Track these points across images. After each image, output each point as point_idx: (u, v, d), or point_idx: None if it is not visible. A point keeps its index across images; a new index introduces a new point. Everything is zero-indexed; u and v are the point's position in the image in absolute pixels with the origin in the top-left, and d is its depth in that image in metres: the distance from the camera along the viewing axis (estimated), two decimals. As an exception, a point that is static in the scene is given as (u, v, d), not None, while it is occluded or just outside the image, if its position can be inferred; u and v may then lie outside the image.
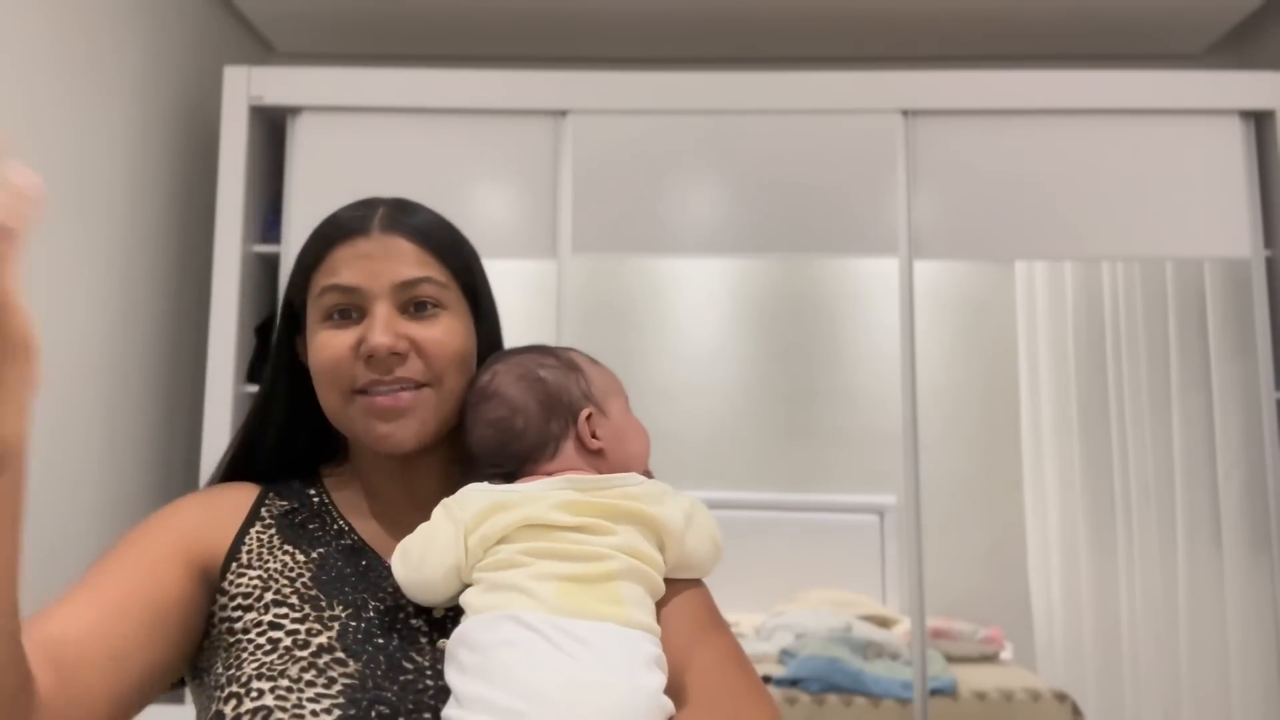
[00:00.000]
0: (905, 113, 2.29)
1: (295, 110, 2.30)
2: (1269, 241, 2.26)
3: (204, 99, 2.40)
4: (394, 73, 2.34)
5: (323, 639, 0.74)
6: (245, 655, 0.73)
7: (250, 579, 0.79)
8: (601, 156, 2.29)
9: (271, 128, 2.36)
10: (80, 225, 1.92)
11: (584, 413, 0.83)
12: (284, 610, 0.76)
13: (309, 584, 0.79)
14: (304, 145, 2.29)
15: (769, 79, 2.33)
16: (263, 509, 0.85)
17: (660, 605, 0.75)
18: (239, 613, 0.77)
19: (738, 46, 2.78)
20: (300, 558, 0.82)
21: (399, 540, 0.78)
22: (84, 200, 1.93)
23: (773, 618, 2.82)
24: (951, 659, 2.52)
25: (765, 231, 2.30)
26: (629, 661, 0.67)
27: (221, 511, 0.83)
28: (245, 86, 2.27)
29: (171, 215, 2.29)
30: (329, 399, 0.83)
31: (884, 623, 2.78)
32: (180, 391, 2.31)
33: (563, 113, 2.30)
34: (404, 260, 0.83)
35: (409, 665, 0.74)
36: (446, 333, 0.83)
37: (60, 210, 1.85)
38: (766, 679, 2.40)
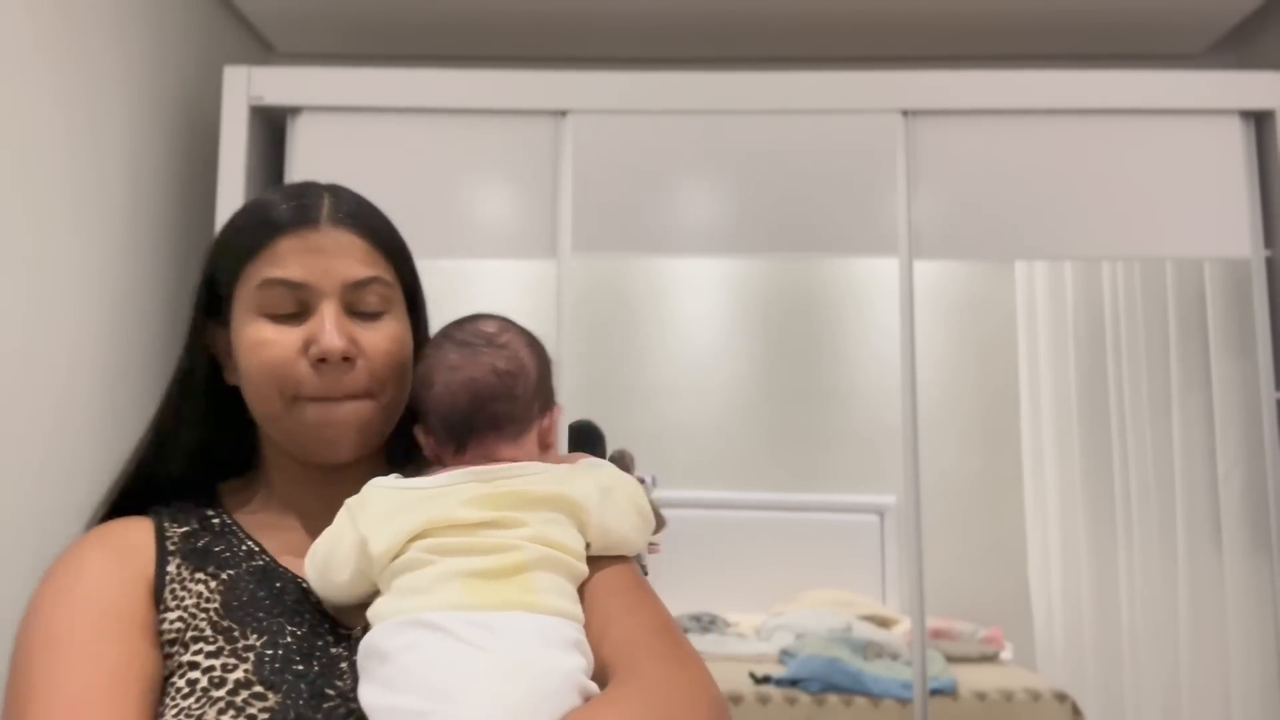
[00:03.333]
0: (905, 113, 2.29)
1: (295, 110, 2.30)
2: (1269, 241, 2.26)
3: (204, 99, 2.40)
4: (394, 73, 2.34)
5: (239, 674, 0.69)
6: (168, 703, 0.69)
7: (172, 620, 0.73)
8: (601, 156, 2.29)
9: (271, 128, 2.36)
10: (80, 225, 1.92)
11: (558, 408, 0.80)
12: (199, 646, 0.71)
13: (220, 612, 0.74)
14: (304, 145, 2.29)
15: (769, 79, 2.33)
16: (166, 540, 0.78)
17: (581, 589, 0.71)
18: (168, 660, 0.72)
19: (738, 46, 2.78)
20: (211, 584, 0.76)
21: None
22: (84, 200, 1.93)
23: (773, 618, 2.83)
24: (951, 659, 2.52)
25: (765, 231, 2.30)
26: (543, 646, 0.64)
27: (131, 561, 0.76)
28: (245, 86, 2.27)
29: (171, 215, 2.29)
30: (266, 403, 0.77)
31: (884, 623, 2.78)
32: (180, 391, 2.31)
33: (563, 113, 2.30)
34: (355, 258, 0.78)
35: (331, 692, 0.70)
36: (392, 340, 0.79)
37: (60, 210, 1.85)
38: (766, 679, 2.40)
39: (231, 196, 2.25)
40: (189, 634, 0.72)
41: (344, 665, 0.72)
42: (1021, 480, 2.97)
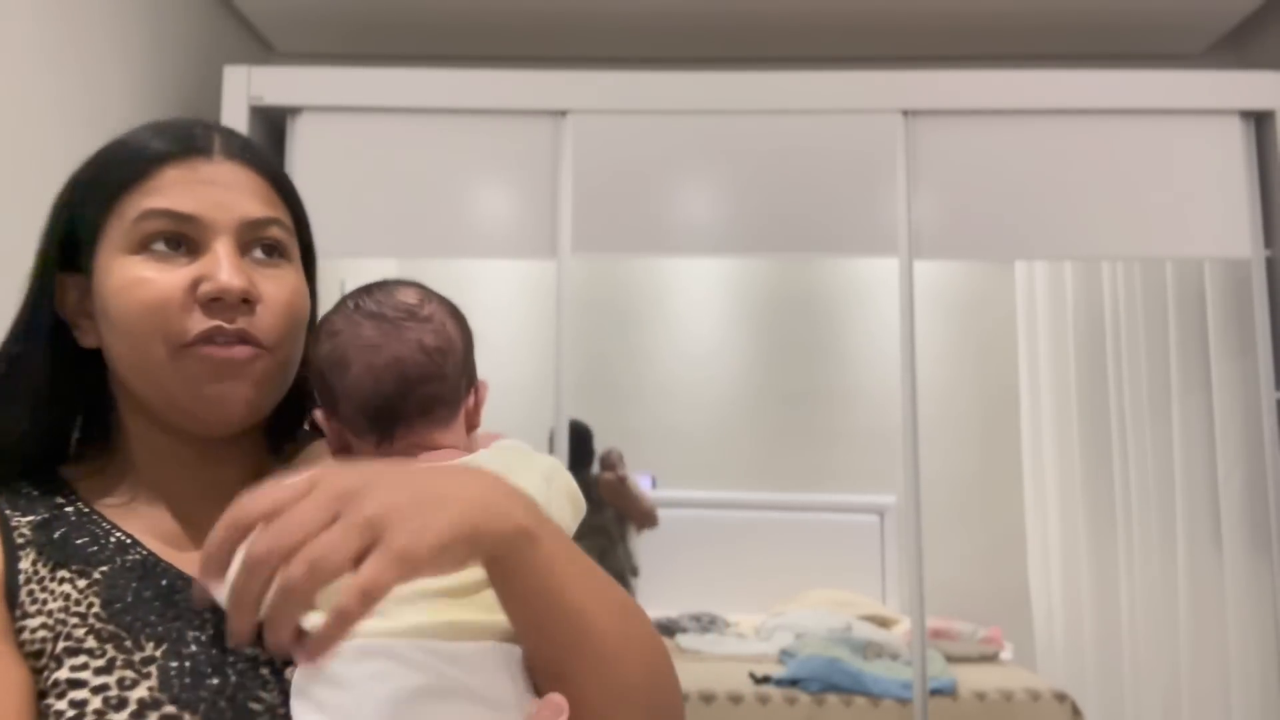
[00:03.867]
0: (905, 113, 2.29)
1: (295, 110, 2.30)
2: (1269, 241, 2.26)
3: (204, 99, 2.40)
4: (394, 73, 2.34)
5: (141, 691, 0.58)
6: None
7: (34, 629, 0.61)
8: (601, 156, 2.29)
9: (271, 128, 2.36)
10: (80, 225, 1.92)
11: (484, 384, 0.73)
12: (82, 659, 0.60)
13: (102, 616, 0.62)
14: (304, 145, 2.29)
15: (769, 79, 2.33)
16: (12, 531, 0.65)
17: None
18: (39, 676, 0.60)
19: (738, 46, 2.78)
20: (80, 583, 0.63)
21: (196, 548, 0.63)
22: (84, 200, 1.93)
23: (773, 618, 2.83)
24: (951, 659, 2.52)
25: (765, 231, 2.30)
26: (513, 680, 0.59)
27: None
28: (245, 86, 2.27)
29: (171, 215, 2.29)
30: (143, 351, 0.65)
31: (884, 623, 2.78)
32: (180, 391, 2.31)
33: (563, 113, 2.30)
34: (254, 195, 0.68)
35: (257, 706, 0.60)
36: (294, 291, 0.69)
37: (60, 210, 1.85)
38: (766, 679, 2.40)
39: (231, 196, 2.26)
40: (60, 645, 0.60)
41: (265, 671, 0.62)
42: (1021, 480, 2.97)
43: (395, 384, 0.66)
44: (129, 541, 0.67)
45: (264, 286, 0.67)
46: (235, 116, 2.27)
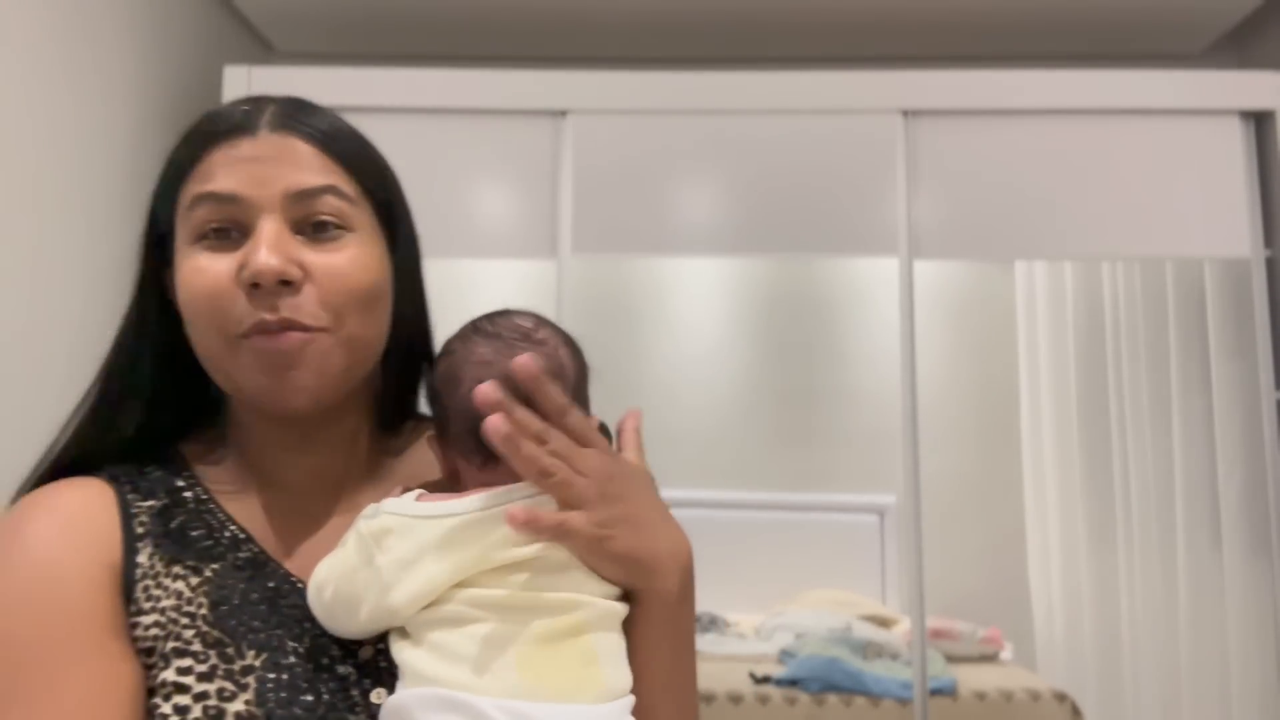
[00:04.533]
0: (905, 113, 2.29)
1: (295, 110, 2.30)
2: (1269, 241, 2.26)
3: (204, 99, 2.40)
4: (394, 73, 2.34)
5: (239, 705, 0.58)
6: None
7: (147, 626, 0.61)
8: (601, 156, 2.29)
9: (271, 128, 2.36)
10: (80, 225, 1.92)
11: (595, 419, 0.70)
12: (187, 662, 0.60)
13: (209, 619, 0.61)
14: (304, 145, 2.29)
15: (769, 79, 2.33)
16: (133, 519, 0.64)
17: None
18: (149, 673, 0.60)
19: (738, 46, 2.78)
20: (193, 580, 0.63)
21: (306, 543, 0.65)
22: (84, 200, 1.93)
23: (773, 618, 2.82)
24: (951, 659, 2.52)
25: (765, 231, 2.30)
26: None
27: (90, 541, 0.62)
28: (245, 86, 2.27)
29: (171, 215, 2.29)
30: (207, 343, 0.64)
31: (884, 623, 2.78)
32: (180, 391, 2.31)
33: (563, 113, 2.30)
34: (300, 165, 0.65)
35: None
36: (351, 262, 0.64)
37: (60, 210, 1.85)
38: (766, 679, 2.40)
39: (231, 196, 2.26)
40: (170, 645, 0.60)
41: (355, 693, 0.62)
42: (1021, 480, 2.97)
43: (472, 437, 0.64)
44: (242, 537, 0.66)
45: (316, 261, 0.63)
46: (235, 116, 2.27)
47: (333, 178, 0.66)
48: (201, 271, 0.63)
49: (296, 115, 0.68)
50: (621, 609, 0.63)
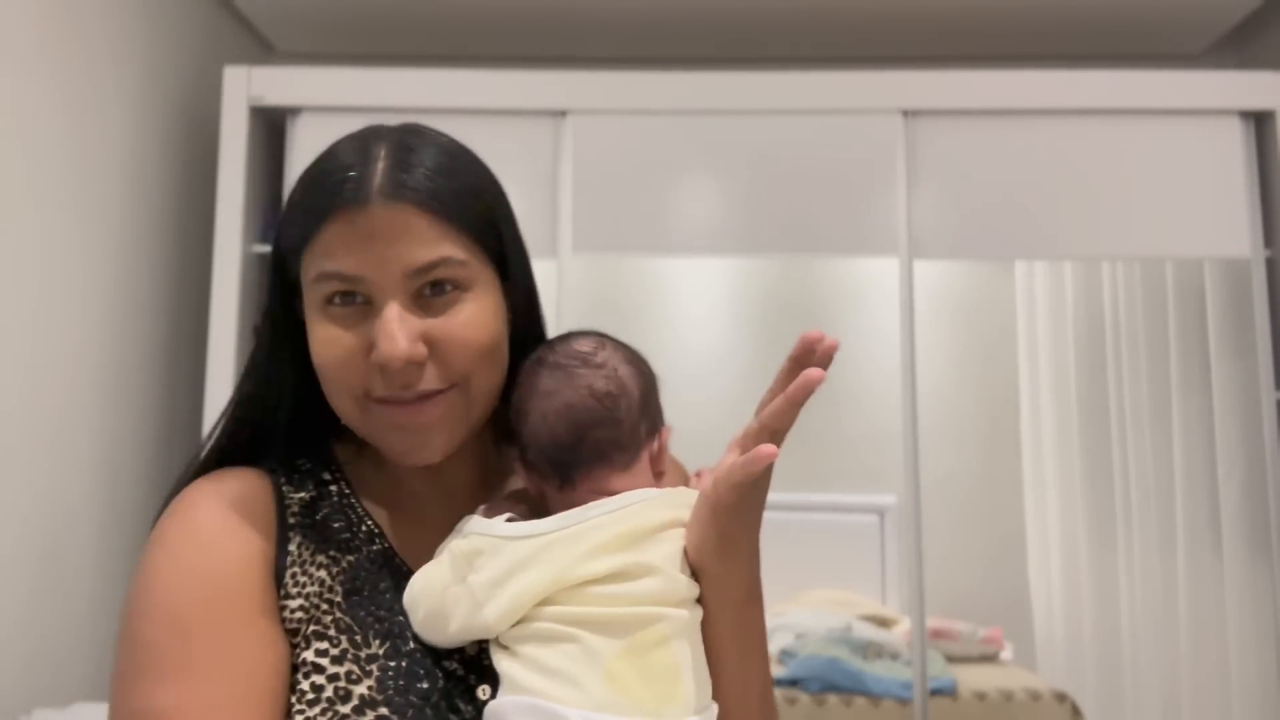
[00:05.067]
0: (905, 113, 2.29)
1: (295, 110, 2.30)
2: (1269, 241, 2.26)
3: (204, 99, 2.40)
4: (394, 73, 2.34)
5: (363, 689, 0.64)
6: (294, 707, 0.64)
7: (293, 610, 0.67)
8: (601, 156, 2.29)
9: (271, 128, 2.36)
10: (80, 225, 1.92)
11: (667, 429, 0.73)
12: (324, 645, 0.66)
13: (343, 606, 0.68)
14: (304, 145, 2.29)
15: (769, 79, 2.33)
16: (286, 510, 0.71)
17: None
18: (294, 653, 0.66)
19: (738, 46, 2.78)
20: (333, 570, 0.69)
21: (431, 549, 0.69)
22: (84, 200, 1.93)
23: (773, 618, 2.82)
24: (951, 659, 2.52)
25: (765, 231, 2.30)
26: None
27: (250, 530, 0.68)
28: (245, 86, 2.27)
29: (171, 215, 2.29)
30: (339, 403, 0.70)
31: (884, 623, 2.78)
32: (180, 392, 2.31)
33: (563, 113, 2.30)
34: (414, 240, 0.66)
35: (455, 717, 0.65)
36: (470, 324, 0.68)
37: (60, 210, 1.85)
38: (766, 679, 2.40)
39: (231, 197, 2.26)
40: (311, 628, 0.66)
41: (463, 686, 0.67)
42: (1021, 480, 2.97)
43: (568, 430, 0.68)
44: (376, 531, 0.73)
45: (439, 330, 0.67)
46: (235, 116, 2.27)
47: (445, 247, 0.68)
48: (332, 343, 0.68)
49: (408, 173, 0.68)
50: (695, 617, 0.66)
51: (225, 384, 2.19)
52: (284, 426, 0.75)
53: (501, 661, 0.64)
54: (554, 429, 0.68)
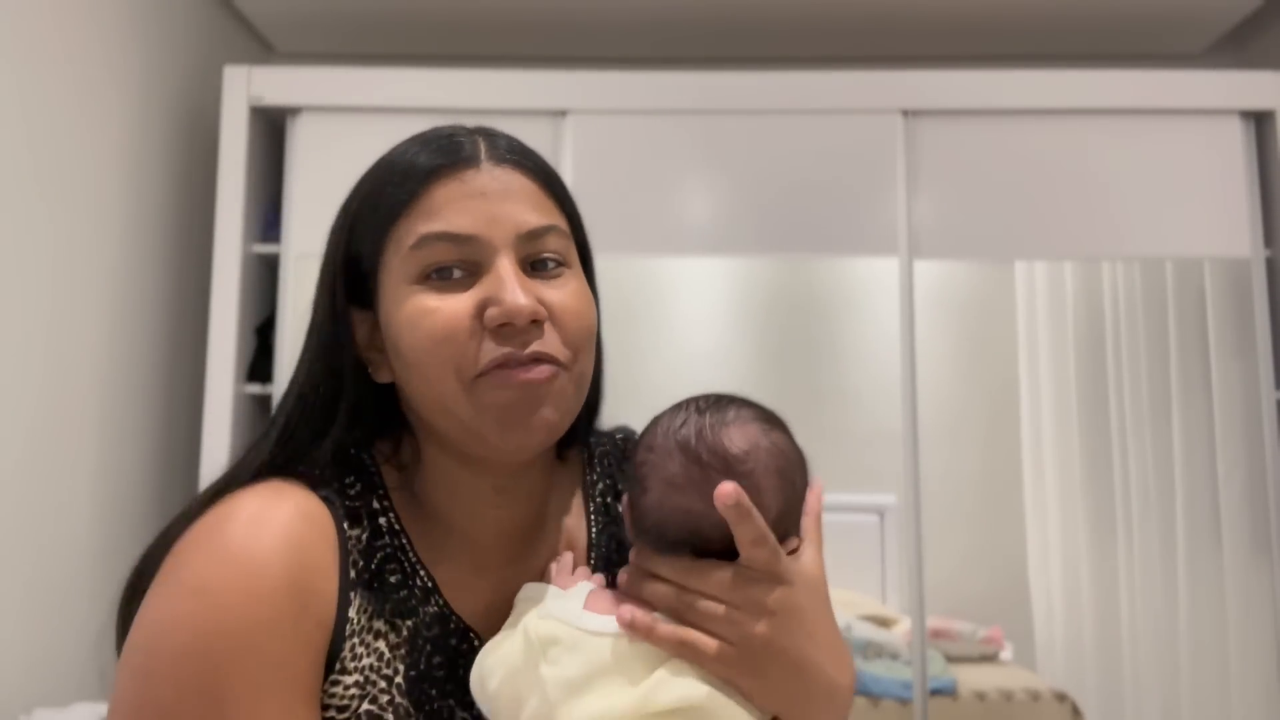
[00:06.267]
0: (905, 113, 2.29)
1: (295, 110, 2.30)
2: (1269, 241, 2.26)
3: (204, 99, 2.40)
4: (394, 73, 2.34)
5: None
6: None
7: (347, 686, 0.59)
8: (601, 156, 2.29)
9: (271, 128, 2.36)
10: (80, 225, 1.92)
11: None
12: None
13: (401, 689, 0.60)
14: (304, 145, 2.29)
15: (769, 79, 2.33)
16: (348, 560, 0.61)
17: None
18: None
19: (738, 46, 2.77)
20: (391, 638, 0.61)
21: (489, 605, 0.63)
22: (84, 200, 1.93)
23: (773, 618, 2.82)
24: (951, 659, 2.52)
25: (765, 231, 2.30)
26: None
27: (313, 595, 0.58)
28: (245, 86, 2.27)
29: (171, 215, 2.29)
30: (438, 386, 0.61)
31: (884, 623, 2.78)
32: (180, 392, 2.31)
33: (563, 113, 2.30)
34: (526, 203, 0.63)
35: None
36: (580, 297, 0.64)
37: (60, 210, 1.85)
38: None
39: (231, 196, 2.26)
40: (365, 706, 0.58)
41: None
42: (1021, 480, 2.97)
43: (681, 532, 0.60)
44: (430, 586, 0.63)
45: (551, 300, 0.62)
46: (235, 116, 2.27)
47: (554, 216, 0.65)
48: (434, 312, 0.60)
49: (514, 148, 0.65)
50: None
51: (225, 383, 2.19)
52: (339, 437, 0.65)
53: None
54: (665, 523, 0.60)
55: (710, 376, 3.18)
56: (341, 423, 0.65)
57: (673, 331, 3.24)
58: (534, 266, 0.63)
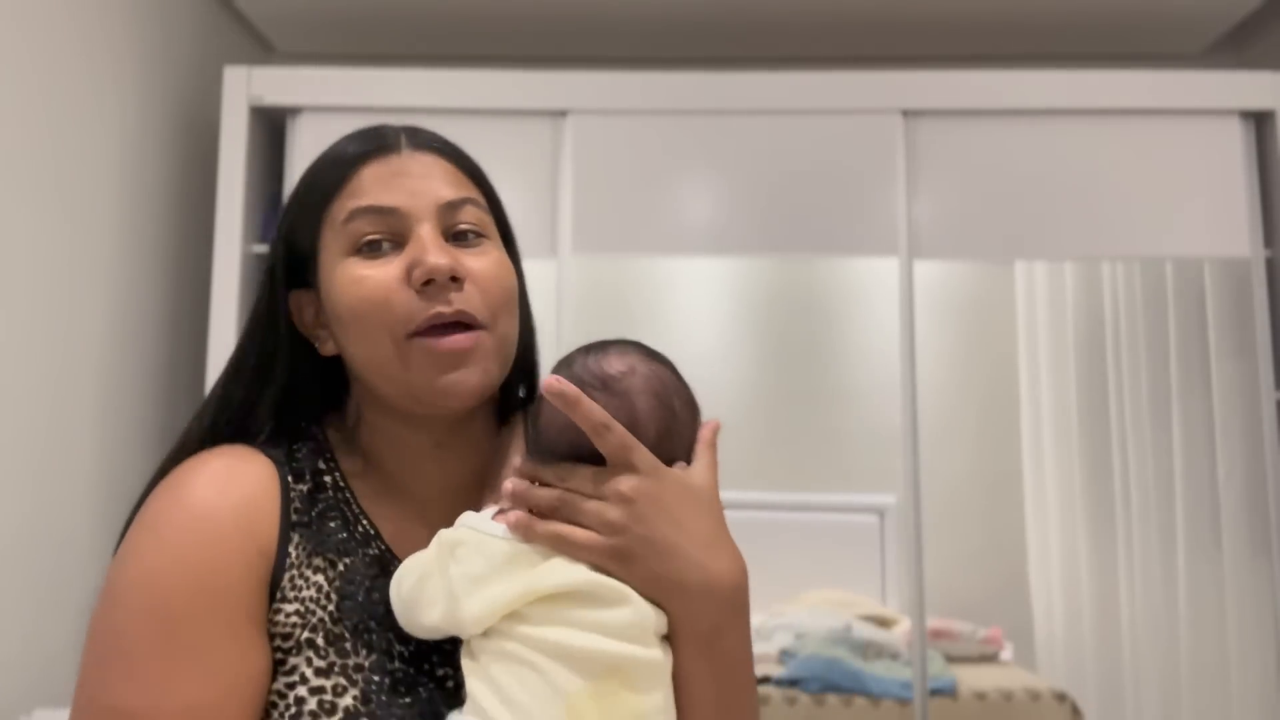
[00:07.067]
0: (905, 113, 2.29)
1: (295, 110, 2.30)
2: (1269, 241, 2.26)
3: (204, 99, 2.40)
4: (394, 73, 2.34)
5: (348, 700, 0.63)
6: (274, 716, 0.63)
7: (288, 614, 0.65)
8: (601, 156, 2.29)
9: (271, 128, 2.36)
10: (80, 225, 1.92)
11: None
12: (309, 655, 0.64)
13: (335, 615, 0.66)
14: (304, 145, 2.29)
15: (769, 79, 2.33)
16: (290, 504, 0.68)
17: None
18: (284, 660, 0.64)
19: (738, 46, 2.78)
20: (329, 573, 0.67)
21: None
22: (83, 200, 1.93)
23: (773, 618, 2.82)
24: (951, 659, 2.52)
25: (765, 231, 2.30)
26: None
27: (254, 526, 0.66)
28: (245, 86, 2.27)
29: (171, 215, 2.29)
30: (374, 346, 0.68)
31: (884, 623, 2.78)
32: (180, 392, 2.31)
33: (563, 113, 2.30)
34: (444, 180, 0.71)
35: None
36: (497, 264, 0.72)
37: (59, 210, 1.85)
38: (766, 679, 2.40)
39: (231, 196, 2.26)
40: (302, 635, 0.64)
41: (451, 697, 0.66)
42: (1021, 480, 2.97)
43: (561, 445, 0.66)
44: (372, 533, 0.71)
45: (470, 265, 0.69)
46: (235, 116, 2.27)
47: (471, 191, 0.74)
48: (366, 278, 0.68)
49: (434, 138, 0.75)
50: (665, 661, 0.64)
51: (225, 384, 2.19)
52: (273, 403, 0.73)
53: (469, 677, 0.62)
54: (554, 442, 0.66)
55: (710, 376, 3.17)
56: (273, 394, 0.73)
57: (672, 331, 3.24)
58: (455, 238, 0.71)
